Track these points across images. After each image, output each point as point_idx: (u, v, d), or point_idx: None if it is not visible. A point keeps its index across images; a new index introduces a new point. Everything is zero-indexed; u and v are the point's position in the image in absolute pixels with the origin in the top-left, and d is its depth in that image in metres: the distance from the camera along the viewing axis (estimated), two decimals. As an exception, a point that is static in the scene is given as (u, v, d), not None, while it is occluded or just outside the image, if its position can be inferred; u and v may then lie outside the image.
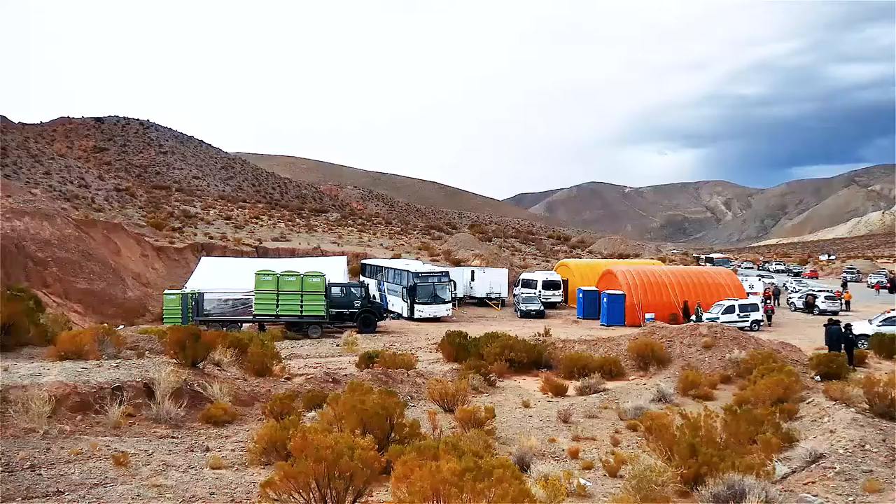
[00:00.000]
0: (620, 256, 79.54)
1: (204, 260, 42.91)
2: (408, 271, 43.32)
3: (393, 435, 12.13)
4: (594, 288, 45.93)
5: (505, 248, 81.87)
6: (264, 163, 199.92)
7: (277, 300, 34.95)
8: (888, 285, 70.72)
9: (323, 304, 35.47)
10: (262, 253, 57.73)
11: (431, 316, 41.66)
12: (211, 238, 61.40)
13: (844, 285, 70.99)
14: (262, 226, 73.22)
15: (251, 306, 35.18)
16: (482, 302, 50.20)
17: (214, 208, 79.73)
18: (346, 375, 20.42)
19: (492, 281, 50.84)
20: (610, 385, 22.32)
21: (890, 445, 11.40)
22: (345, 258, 46.84)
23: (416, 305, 41.93)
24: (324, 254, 56.84)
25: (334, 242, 67.83)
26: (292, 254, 56.58)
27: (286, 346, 29.61)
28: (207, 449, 13.03)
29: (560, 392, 21.28)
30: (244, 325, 34.89)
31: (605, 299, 42.30)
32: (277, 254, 56.70)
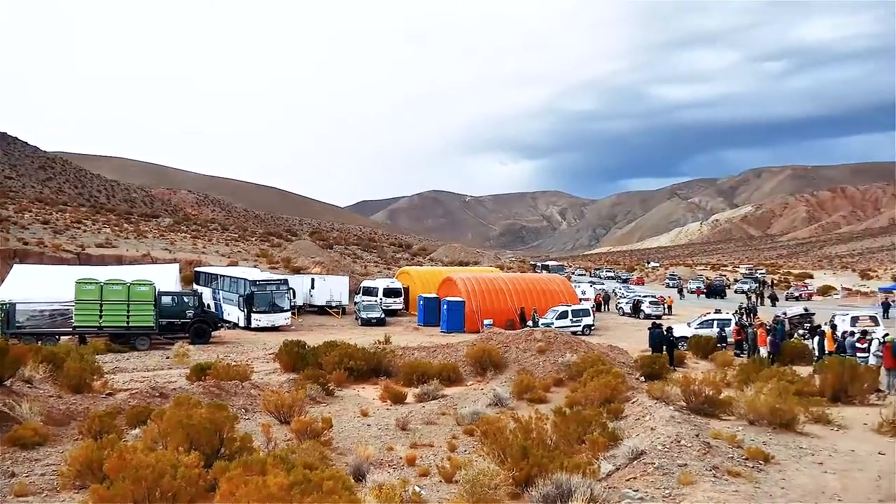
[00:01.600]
0: (461, 264, 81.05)
1: (17, 267, 39.38)
2: (244, 279, 41.97)
3: (223, 450, 11.58)
4: (434, 295, 46.44)
5: (346, 256, 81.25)
6: (89, 164, 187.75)
7: (101, 310, 32.73)
8: (705, 290, 76.32)
9: (152, 314, 33.61)
10: (84, 260, 53.95)
11: (269, 325, 40.53)
12: (26, 244, 56.66)
13: (680, 291, 76.07)
14: (85, 231, 68.47)
15: (71, 317, 32.73)
16: (322, 310, 49.50)
17: (30, 211, 73.69)
18: (174, 389, 19.39)
19: (332, 289, 50.25)
20: (448, 391, 22.51)
21: (703, 440, 12.16)
22: (177, 266, 44.64)
23: (253, 314, 40.65)
24: (154, 261, 54.01)
25: (166, 249, 64.56)
26: (119, 261, 53.34)
27: (110, 360, 27.75)
28: (13, 475, 11.92)
29: (399, 399, 21.24)
30: (63, 337, 32.39)
31: (445, 306, 42.83)
32: (102, 261, 53.20)
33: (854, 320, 32.76)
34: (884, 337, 23.27)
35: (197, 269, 50.95)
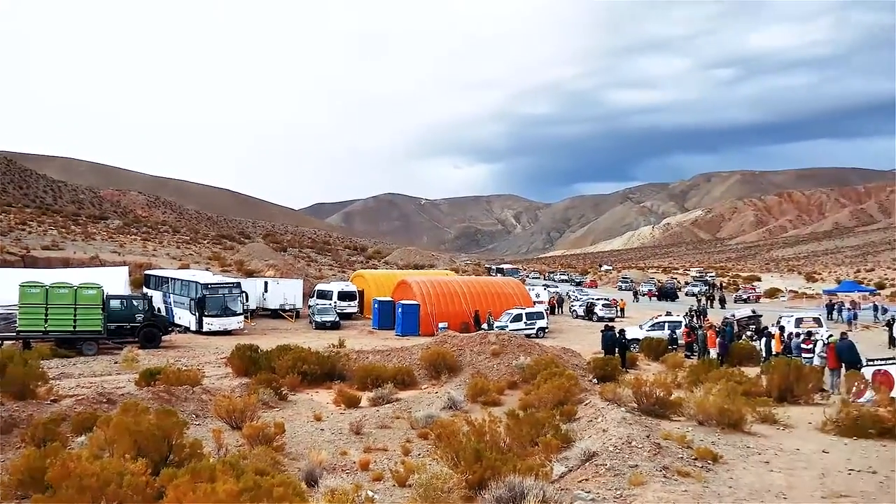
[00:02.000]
0: (416, 267, 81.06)
1: (-42, 271, 38.31)
2: (196, 282, 41.34)
3: (171, 457, 11.37)
4: (389, 298, 46.33)
5: (300, 259, 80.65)
6: (34, 163, 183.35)
7: (46, 314, 31.89)
8: (657, 293, 77.55)
9: (100, 318, 32.87)
10: (30, 263, 52.51)
11: (222, 329, 39.97)
12: (-32, 246, 55.04)
13: (636, 294, 77.13)
14: (30, 233, 66.70)
15: (15, 322, 31.84)
16: (276, 314, 48.99)
17: (-28, 213, 71.71)
18: (123, 395, 18.96)
19: (286, 292, 49.74)
20: (403, 395, 22.46)
21: (653, 441, 12.32)
22: (126, 269, 43.73)
23: (204, 318, 40.06)
24: (102, 264, 52.83)
25: (115, 252, 63.22)
26: (66, 264, 52.01)
27: (56, 365, 27.05)
28: (-49, 485, 11.51)
29: (353, 403, 21.12)
30: (6, 342, 31.49)
31: (399, 309, 42.76)
32: (48, 264, 51.82)
33: (798, 322, 33.59)
34: (827, 338, 23.85)
35: (147, 272, 49.99)
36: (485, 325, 40.28)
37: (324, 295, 49.94)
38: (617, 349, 28.66)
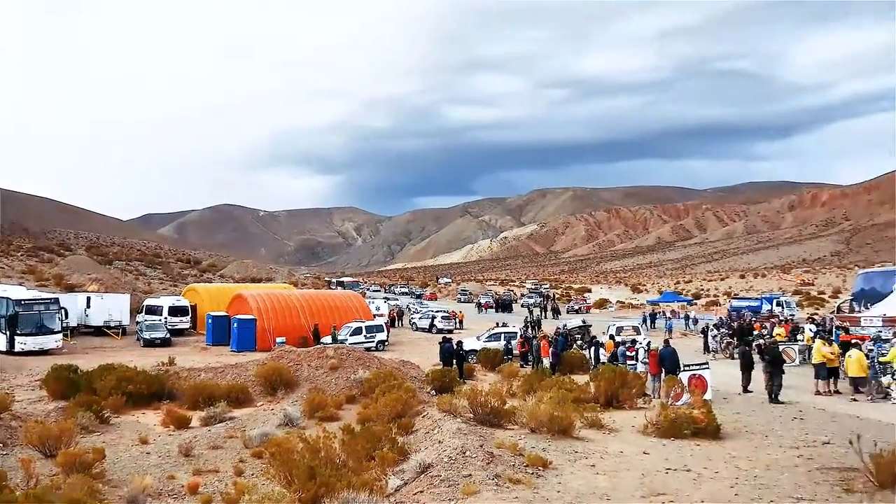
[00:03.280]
0: (253, 280, 78.89)
1: None
2: (7, 298, 38.03)
3: (-30, 491, 10.34)
4: (224, 313, 44.71)
5: (128, 272, 76.32)
6: None
7: None
8: (493, 305, 79.59)
9: None
10: None
11: (37, 348, 36.94)
12: None
13: (479, 306, 78.67)
14: None
15: None
16: (100, 331, 45.95)
17: None
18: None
19: (111, 308, 46.75)
20: (237, 413, 21.79)
21: (486, 450, 12.56)
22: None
23: (17, 337, 36.85)
24: None
25: (-88, 266, 57.27)
26: None
27: None
28: None
29: (183, 424, 20.18)
30: None
31: (235, 324, 41.36)
32: None
33: (619, 330, 35.82)
34: (647, 345, 25.41)
35: (-50, 287, 45.50)
36: (328, 339, 39.57)
37: (153, 310, 47.44)
38: (455, 360, 29.11)
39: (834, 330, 30.30)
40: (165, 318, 46.24)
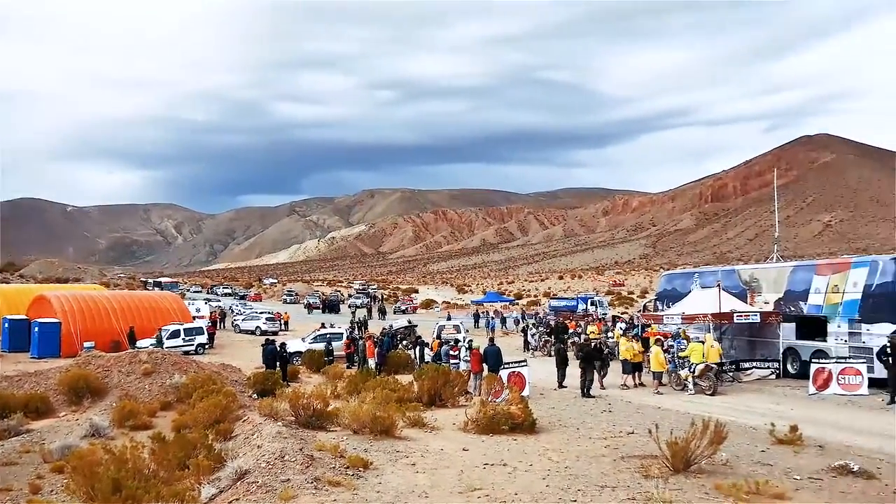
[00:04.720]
0: (58, 281, 73.59)
1: None
2: None
3: None
4: (24, 316, 41.20)
5: (-89, 272, 68.67)
6: None
7: None
8: (320, 306, 78.74)
9: None
10: None
11: None
12: None
13: (308, 307, 77.06)
14: None
15: None
16: None
17: None
18: None
19: None
20: (36, 425, 20.21)
21: (306, 453, 12.35)
22: None
23: None
24: None
25: None
26: None
27: None
28: None
29: (-31, 440, 18.36)
30: None
31: (36, 329, 38.24)
32: None
33: (441, 329, 36.71)
34: (469, 343, 26.09)
35: None
36: (149, 342, 37.32)
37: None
38: (278, 363, 28.52)
39: (640, 327, 32.70)
40: (-47, 323, 41.95)
